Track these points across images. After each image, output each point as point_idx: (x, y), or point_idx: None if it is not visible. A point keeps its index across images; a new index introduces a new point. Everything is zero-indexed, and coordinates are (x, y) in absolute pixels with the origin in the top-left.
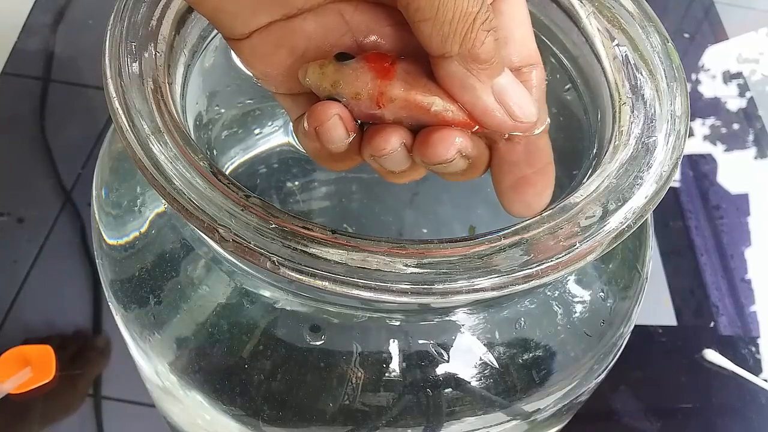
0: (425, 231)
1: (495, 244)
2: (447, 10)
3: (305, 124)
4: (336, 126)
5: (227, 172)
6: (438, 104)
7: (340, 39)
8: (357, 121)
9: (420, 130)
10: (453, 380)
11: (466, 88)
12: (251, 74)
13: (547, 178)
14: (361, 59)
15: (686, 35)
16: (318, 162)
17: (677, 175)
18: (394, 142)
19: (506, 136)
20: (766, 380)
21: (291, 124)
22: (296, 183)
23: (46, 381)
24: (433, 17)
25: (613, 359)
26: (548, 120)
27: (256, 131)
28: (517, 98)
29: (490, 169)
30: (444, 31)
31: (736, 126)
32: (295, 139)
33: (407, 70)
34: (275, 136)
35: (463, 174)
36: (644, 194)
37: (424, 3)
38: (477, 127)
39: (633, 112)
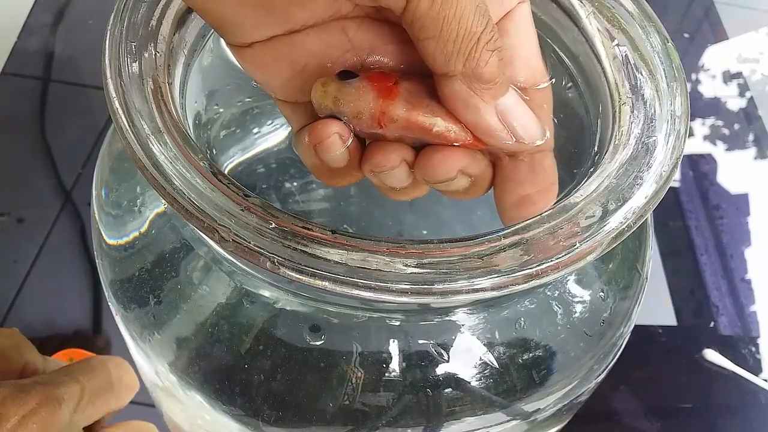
0: (425, 232)
1: (495, 244)
2: (451, 28)
3: (306, 139)
4: (335, 145)
5: (227, 172)
6: (440, 125)
7: (342, 56)
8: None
9: (422, 146)
10: (453, 380)
11: (470, 108)
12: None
13: (549, 198)
14: (364, 78)
15: (686, 35)
16: (318, 177)
17: (677, 175)
18: (394, 158)
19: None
20: (766, 380)
21: (293, 135)
22: (295, 183)
23: None
24: (438, 35)
25: (613, 359)
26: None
27: (255, 130)
28: (521, 119)
29: (494, 185)
30: (448, 50)
31: (736, 126)
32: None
33: (410, 90)
34: (274, 135)
35: (465, 192)
36: (644, 194)
37: (429, 21)
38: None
39: (633, 112)
